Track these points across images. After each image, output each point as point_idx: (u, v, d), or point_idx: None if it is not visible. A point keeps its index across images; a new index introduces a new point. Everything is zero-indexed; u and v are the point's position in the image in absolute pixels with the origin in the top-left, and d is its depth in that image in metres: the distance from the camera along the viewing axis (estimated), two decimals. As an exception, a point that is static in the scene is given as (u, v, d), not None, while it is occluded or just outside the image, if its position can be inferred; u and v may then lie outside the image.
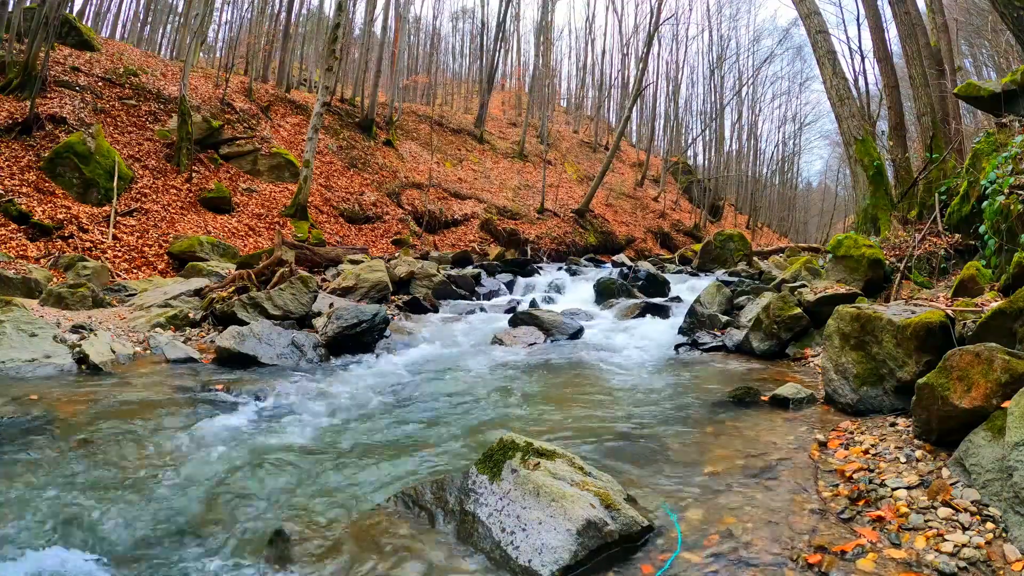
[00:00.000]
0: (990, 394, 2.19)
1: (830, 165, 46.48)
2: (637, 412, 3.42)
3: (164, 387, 3.84)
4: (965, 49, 20.48)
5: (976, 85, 6.57)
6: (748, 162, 36.10)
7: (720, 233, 14.29)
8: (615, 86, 36.48)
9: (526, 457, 2.12)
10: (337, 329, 5.10)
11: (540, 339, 5.71)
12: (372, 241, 14.74)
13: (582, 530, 1.82)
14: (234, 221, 11.92)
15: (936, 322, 2.95)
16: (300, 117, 18.02)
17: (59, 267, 7.62)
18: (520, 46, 40.63)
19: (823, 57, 9.21)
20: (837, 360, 3.29)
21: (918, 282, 5.64)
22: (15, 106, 10.65)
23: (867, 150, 8.51)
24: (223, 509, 2.24)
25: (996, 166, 4.82)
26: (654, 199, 28.08)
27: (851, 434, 2.81)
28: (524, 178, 23.59)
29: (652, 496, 2.26)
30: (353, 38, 27.92)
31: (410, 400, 3.77)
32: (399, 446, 2.92)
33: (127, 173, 10.67)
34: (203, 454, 2.74)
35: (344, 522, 2.08)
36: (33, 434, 2.87)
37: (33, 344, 4.28)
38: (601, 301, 8.14)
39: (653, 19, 22.66)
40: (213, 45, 29.33)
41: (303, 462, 2.69)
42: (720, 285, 6.79)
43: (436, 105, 29.10)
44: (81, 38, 14.87)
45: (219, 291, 6.42)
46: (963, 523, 1.91)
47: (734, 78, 35.20)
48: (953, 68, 10.08)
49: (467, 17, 43.39)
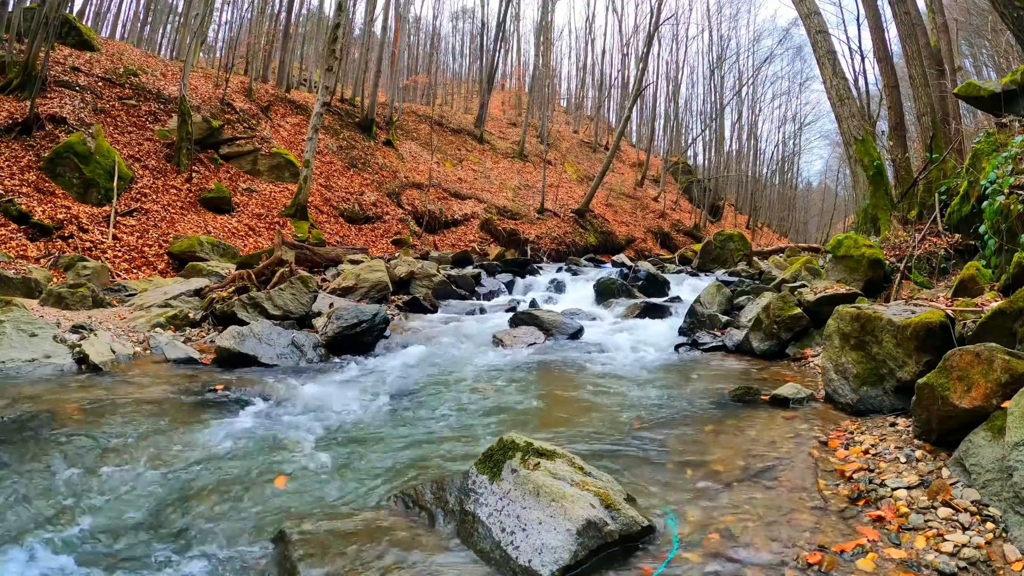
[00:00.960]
0: (990, 394, 2.19)
1: (830, 165, 46.54)
2: (637, 411, 3.43)
3: (164, 387, 3.84)
4: (965, 49, 20.48)
5: (976, 85, 6.57)
6: (748, 162, 36.12)
7: (720, 233, 14.28)
8: (615, 86, 36.53)
9: (526, 457, 2.12)
10: (337, 329, 5.10)
11: (540, 339, 5.71)
12: (372, 241, 14.74)
13: (582, 530, 1.82)
14: (234, 221, 11.92)
15: (936, 322, 2.95)
16: (300, 117, 18.02)
17: (59, 267, 7.62)
18: (520, 46, 40.70)
19: (823, 57, 9.21)
20: (837, 360, 3.30)
21: (918, 282, 5.64)
22: (15, 106, 10.65)
23: (867, 150, 8.51)
24: (223, 509, 2.25)
25: (996, 166, 4.82)
26: (654, 199, 28.08)
27: (851, 434, 2.82)
28: (524, 178, 23.59)
29: (652, 496, 2.26)
30: (353, 38, 27.91)
31: (410, 400, 3.77)
32: (399, 446, 2.92)
33: (127, 173, 10.67)
34: (203, 454, 2.74)
35: (344, 522, 2.08)
36: (33, 434, 2.88)
37: (33, 344, 4.28)
38: (601, 301, 8.14)
39: (653, 19, 22.67)
40: (213, 45, 29.36)
41: (303, 462, 2.69)
42: (720, 285, 6.79)
43: (436, 105, 29.10)
44: (81, 38, 14.87)
45: (219, 291, 6.42)
46: (963, 523, 1.91)
47: (734, 78, 35.27)
48: (953, 68, 10.08)
49: (467, 17, 43.45)
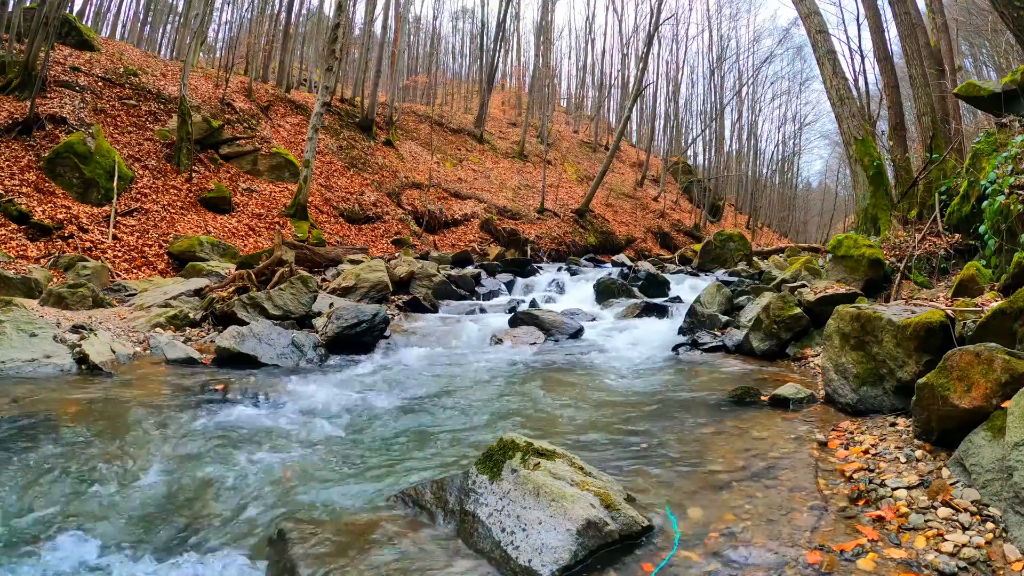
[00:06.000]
0: (990, 394, 2.19)
1: (830, 165, 46.49)
2: (637, 412, 3.43)
3: (164, 387, 3.84)
4: (965, 49, 20.47)
5: (976, 85, 6.56)
6: (748, 162, 36.08)
7: (720, 233, 14.28)
8: (615, 86, 36.51)
9: (526, 457, 2.11)
10: (337, 329, 5.10)
11: (540, 339, 5.71)
12: (372, 241, 14.74)
13: (582, 530, 1.82)
14: (234, 221, 11.92)
15: (936, 322, 2.95)
16: (300, 117, 18.01)
17: (59, 267, 7.62)
18: (520, 46, 40.71)
19: (823, 57, 9.20)
20: (837, 360, 3.29)
21: (918, 282, 5.64)
22: (15, 106, 10.64)
23: (867, 150, 8.50)
24: (223, 509, 2.25)
25: (996, 166, 4.81)
26: (654, 199, 28.07)
27: (851, 434, 2.82)
28: (524, 178, 23.58)
29: (652, 496, 2.26)
30: (353, 38, 27.90)
31: (410, 400, 3.77)
32: (399, 446, 2.92)
33: (127, 173, 10.66)
34: (202, 453, 2.74)
35: (344, 522, 2.08)
36: (33, 434, 2.88)
37: (33, 344, 4.28)
38: (601, 301, 8.14)
39: (653, 19, 22.66)
40: (213, 45, 29.35)
41: (303, 462, 2.69)
42: (720, 285, 6.79)
43: (436, 105, 29.08)
44: (81, 38, 14.87)
45: (219, 291, 6.42)
46: (963, 523, 1.91)
47: (734, 78, 35.23)
48: (953, 68, 10.06)
49: (467, 17, 43.45)
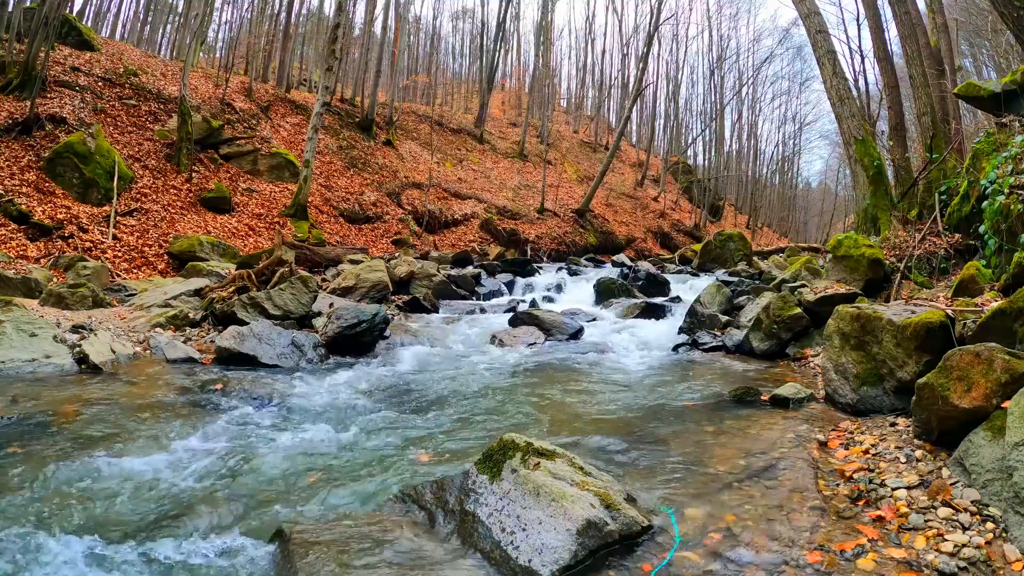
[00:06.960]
0: (990, 394, 2.19)
1: (830, 165, 46.49)
2: (637, 412, 3.43)
3: (164, 387, 3.84)
4: (965, 49, 20.48)
5: (976, 85, 6.56)
6: (748, 162, 36.13)
7: (720, 233, 14.27)
8: (615, 86, 36.50)
9: (526, 457, 2.11)
10: (337, 329, 5.10)
11: (540, 339, 5.71)
12: (372, 241, 14.74)
13: (582, 530, 1.82)
14: (234, 221, 11.92)
15: (936, 322, 2.95)
16: (300, 117, 18.01)
17: (59, 267, 7.62)
18: (520, 46, 40.66)
19: (823, 57, 9.20)
20: (837, 360, 3.30)
21: (918, 282, 5.63)
22: (15, 106, 10.65)
23: (867, 150, 8.50)
24: (222, 508, 2.24)
25: (996, 166, 4.81)
26: (654, 199, 28.07)
27: (851, 434, 2.82)
28: (524, 178, 23.58)
29: (652, 496, 2.26)
30: (353, 38, 27.89)
31: (410, 400, 3.77)
32: (399, 446, 2.92)
33: (127, 173, 10.66)
34: (201, 453, 2.74)
35: (344, 521, 2.08)
36: (33, 434, 2.88)
37: (33, 344, 4.28)
38: (601, 301, 8.14)
39: (653, 19, 22.68)
40: (213, 45, 29.34)
41: (302, 462, 2.69)
42: (720, 285, 6.79)
43: (436, 105, 29.08)
44: (81, 38, 14.87)
45: (219, 291, 6.42)
46: (963, 523, 1.91)
47: (734, 78, 35.26)
48: (953, 68, 10.07)
49: (467, 17, 43.36)
